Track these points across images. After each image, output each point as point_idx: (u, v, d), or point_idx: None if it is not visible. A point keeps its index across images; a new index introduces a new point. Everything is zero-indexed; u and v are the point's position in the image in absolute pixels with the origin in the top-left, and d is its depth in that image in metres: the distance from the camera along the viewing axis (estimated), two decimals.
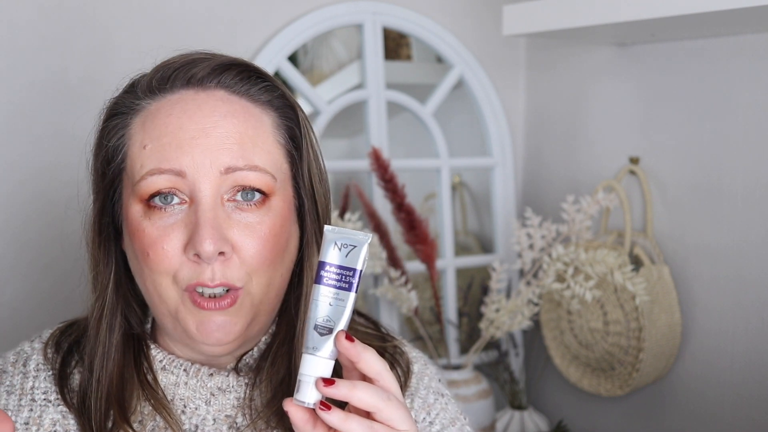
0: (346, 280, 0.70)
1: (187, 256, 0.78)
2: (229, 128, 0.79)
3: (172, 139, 0.79)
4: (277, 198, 0.81)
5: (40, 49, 1.29)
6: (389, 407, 0.68)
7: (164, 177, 0.78)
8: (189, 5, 1.40)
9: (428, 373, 0.93)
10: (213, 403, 0.85)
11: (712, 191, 1.40)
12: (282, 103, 0.85)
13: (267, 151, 0.81)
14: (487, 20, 1.69)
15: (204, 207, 0.78)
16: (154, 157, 0.79)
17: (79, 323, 0.91)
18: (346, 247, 0.71)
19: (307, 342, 0.70)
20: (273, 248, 0.80)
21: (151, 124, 0.81)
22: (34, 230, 1.31)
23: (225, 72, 0.82)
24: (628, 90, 1.54)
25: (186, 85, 0.82)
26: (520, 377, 1.71)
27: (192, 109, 0.80)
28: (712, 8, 1.13)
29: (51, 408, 0.84)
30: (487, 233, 1.83)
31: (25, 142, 1.29)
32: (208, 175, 0.78)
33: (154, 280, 0.80)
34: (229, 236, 0.78)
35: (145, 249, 0.79)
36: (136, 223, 0.80)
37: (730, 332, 1.38)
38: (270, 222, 0.80)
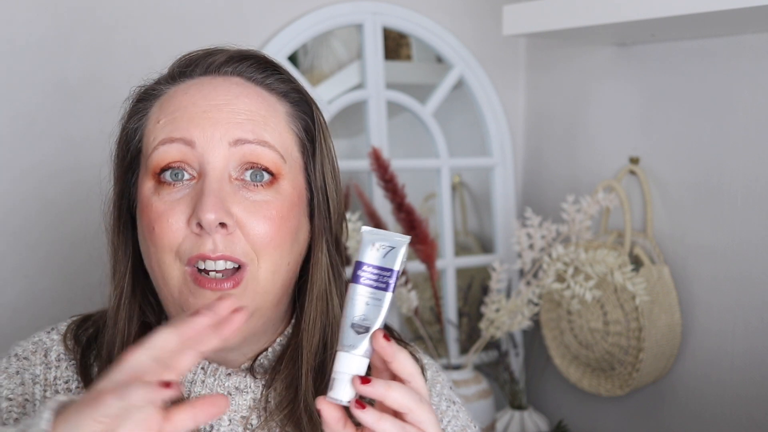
0: (383, 281, 0.71)
1: (191, 228, 0.78)
2: (241, 106, 0.81)
3: (184, 112, 0.81)
4: (286, 182, 0.82)
5: (40, 49, 1.29)
6: (421, 409, 0.69)
7: (174, 146, 0.79)
8: (189, 5, 1.40)
9: (440, 380, 0.94)
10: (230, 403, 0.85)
11: (712, 191, 1.40)
12: (298, 97, 0.86)
13: (278, 132, 0.82)
14: (487, 20, 1.69)
15: (210, 178, 0.78)
16: (166, 128, 0.81)
17: (95, 318, 0.91)
18: (384, 248, 0.72)
19: (343, 340, 0.71)
20: (279, 230, 0.80)
21: (167, 102, 0.83)
22: (35, 230, 1.31)
23: (242, 61, 0.84)
24: (628, 90, 1.54)
25: (204, 72, 0.84)
26: (520, 377, 1.71)
27: (207, 89, 0.82)
28: (712, 8, 1.13)
29: None
30: (487, 233, 1.83)
31: (25, 142, 1.30)
32: (217, 147, 0.79)
33: (159, 258, 0.80)
34: (233, 211, 0.78)
35: (151, 223, 0.80)
36: (146, 200, 0.81)
37: (730, 332, 1.38)
38: (278, 203, 0.81)
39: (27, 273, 1.31)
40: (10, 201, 1.29)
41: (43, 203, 1.31)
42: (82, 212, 1.32)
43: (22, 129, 1.29)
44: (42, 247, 1.32)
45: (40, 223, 1.31)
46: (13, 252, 1.30)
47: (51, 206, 1.32)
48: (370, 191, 1.57)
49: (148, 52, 1.36)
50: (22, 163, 1.30)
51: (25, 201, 1.30)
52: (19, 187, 1.30)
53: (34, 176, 1.30)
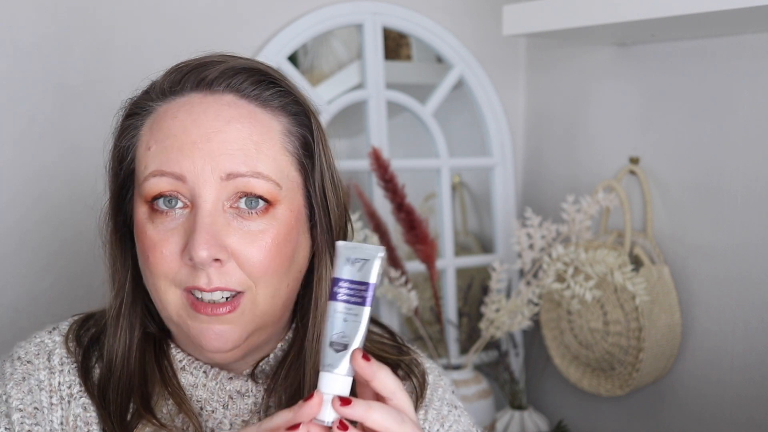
0: (359, 295, 0.69)
1: (183, 260, 0.77)
2: (233, 134, 0.78)
3: (174, 141, 0.78)
4: (283, 206, 0.80)
5: (40, 49, 1.29)
6: (402, 429, 0.68)
7: (165, 179, 0.78)
8: (189, 5, 1.40)
9: (442, 384, 0.93)
10: (231, 407, 0.85)
11: (712, 191, 1.40)
12: (296, 110, 0.83)
13: (272, 158, 0.79)
14: (487, 20, 1.69)
15: (202, 212, 0.77)
16: (157, 158, 0.79)
17: (96, 317, 0.91)
18: (358, 261, 0.70)
19: (323, 359, 0.69)
20: (276, 257, 0.79)
21: (158, 126, 0.80)
22: (35, 231, 1.31)
23: (236, 75, 0.81)
24: (628, 90, 1.54)
25: (195, 87, 0.81)
26: (520, 377, 1.71)
27: (197, 112, 0.79)
28: (712, 8, 1.13)
29: (73, 402, 0.84)
30: (487, 233, 1.83)
31: (25, 143, 1.29)
32: (208, 181, 0.77)
33: (155, 283, 0.80)
34: (227, 243, 0.77)
35: (146, 252, 0.79)
36: (141, 226, 0.80)
37: (730, 332, 1.38)
38: (274, 231, 0.79)
39: (27, 273, 1.31)
40: (10, 202, 1.29)
41: (43, 204, 1.31)
42: (82, 213, 1.32)
43: (23, 130, 1.29)
44: (42, 248, 1.32)
45: (41, 223, 1.31)
46: (14, 253, 1.30)
47: (51, 207, 1.32)
48: (370, 191, 1.57)
49: (148, 53, 1.36)
50: (23, 164, 1.29)
51: (25, 201, 1.30)
52: (20, 187, 1.30)
53: (34, 177, 1.30)
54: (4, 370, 0.86)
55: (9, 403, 0.83)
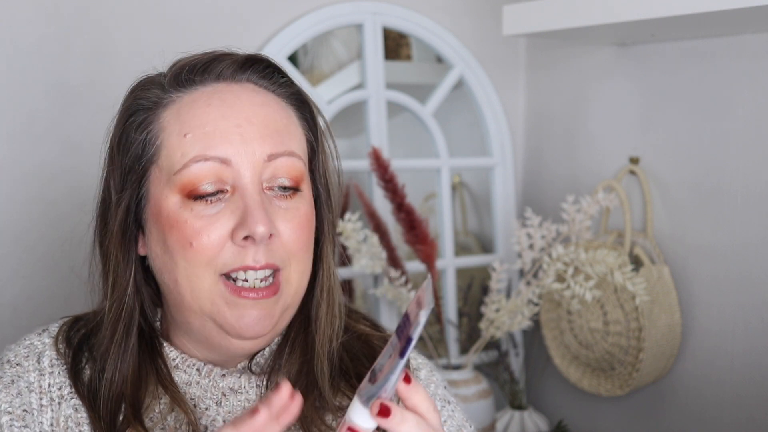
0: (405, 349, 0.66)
1: (235, 241, 0.79)
2: (268, 117, 0.82)
3: (215, 127, 0.80)
4: (305, 185, 0.84)
5: (40, 49, 1.29)
6: None
7: (209, 164, 0.79)
8: (189, 5, 1.40)
9: (434, 380, 0.94)
10: (224, 404, 0.86)
11: (712, 191, 1.40)
12: (299, 99, 0.87)
13: (298, 139, 0.84)
14: (487, 20, 1.69)
15: (251, 191, 0.80)
16: (197, 144, 0.79)
17: (86, 319, 0.91)
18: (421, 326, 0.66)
19: (368, 393, 0.68)
20: (308, 233, 0.83)
21: (189, 114, 0.81)
22: (34, 231, 1.31)
23: (252, 67, 0.84)
24: (628, 90, 1.54)
25: (217, 78, 0.83)
26: (520, 377, 1.71)
27: (230, 99, 0.82)
28: (712, 8, 1.13)
29: (64, 404, 0.85)
30: (487, 233, 1.83)
31: (25, 143, 1.30)
32: (252, 162, 0.80)
33: (191, 272, 0.79)
34: (273, 220, 0.80)
35: (187, 239, 0.79)
36: (175, 215, 0.79)
37: (730, 332, 1.38)
38: (304, 208, 0.83)
39: (26, 273, 1.31)
40: (9, 201, 1.29)
41: (42, 204, 1.31)
42: (81, 213, 1.32)
43: (22, 130, 1.29)
44: (41, 247, 1.32)
45: (40, 223, 1.31)
46: (13, 252, 1.30)
47: (51, 207, 1.32)
48: (370, 191, 1.57)
49: (148, 53, 1.35)
50: (22, 164, 1.30)
51: (24, 202, 1.30)
52: (19, 187, 1.30)
53: (34, 177, 1.30)
54: None
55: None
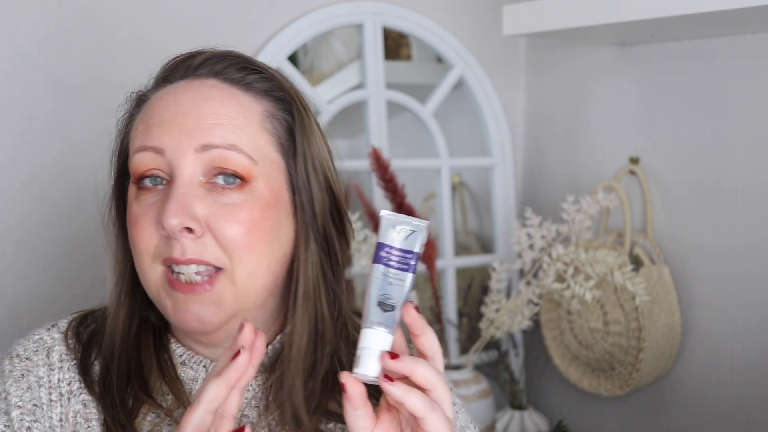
0: (405, 262, 0.73)
1: (159, 232, 0.80)
2: (209, 110, 0.81)
3: (157, 119, 0.82)
4: (260, 183, 0.81)
5: (40, 49, 1.29)
6: (444, 388, 0.72)
7: (147, 154, 0.81)
8: (189, 5, 1.40)
9: None
10: None
11: (712, 191, 1.40)
12: (280, 95, 0.85)
13: (248, 134, 0.82)
14: (487, 20, 1.69)
15: (177, 184, 0.79)
16: (141, 136, 0.82)
17: (95, 314, 0.92)
18: (406, 231, 0.74)
19: (370, 317, 0.73)
20: (250, 232, 0.80)
21: (147, 110, 0.84)
22: (35, 230, 1.31)
23: (219, 62, 0.84)
24: (628, 90, 1.54)
25: (183, 75, 0.85)
26: (520, 377, 1.71)
27: (179, 93, 0.83)
28: (712, 8, 1.13)
29: (73, 399, 0.85)
30: (487, 233, 1.83)
31: (25, 143, 1.30)
32: (184, 153, 0.80)
33: (139, 261, 0.82)
34: (201, 215, 0.78)
35: (130, 228, 0.82)
36: (129, 205, 0.83)
37: (730, 332, 1.38)
38: (249, 206, 0.80)
39: (27, 274, 1.31)
40: (10, 201, 1.29)
41: (43, 203, 1.31)
42: (82, 213, 1.32)
43: (23, 130, 1.29)
44: (42, 248, 1.32)
45: (41, 223, 1.31)
46: (14, 252, 1.30)
47: (51, 206, 1.32)
48: (370, 191, 1.57)
49: (149, 53, 1.36)
50: (23, 163, 1.29)
51: (25, 201, 1.30)
52: (20, 187, 1.30)
53: (34, 177, 1.30)
54: (3, 368, 0.87)
55: (8, 400, 0.84)
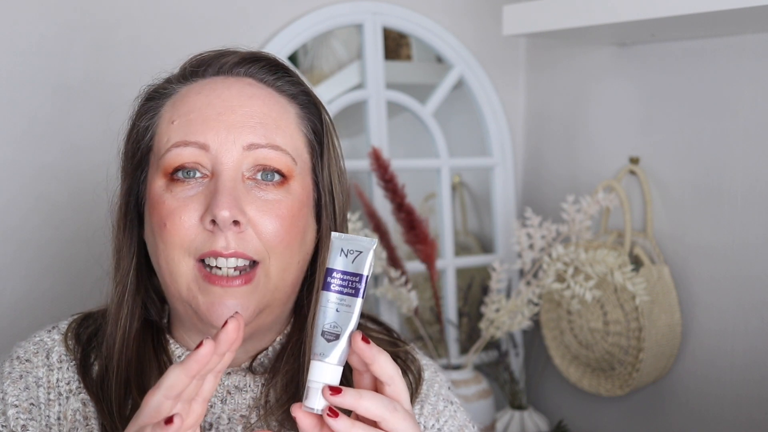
0: (352, 286, 0.70)
1: (204, 225, 0.79)
2: (255, 108, 0.82)
3: (199, 114, 0.82)
4: (296, 183, 0.83)
5: (40, 49, 1.29)
6: (395, 418, 0.69)
7: (189, 149, 0.81)
8: (189, 5, 1.40)
9: (438, 380, 0.94)
10: (229, 401, 0.86)
11: (712, 191, 1.40)
12: (306, 100, 0.87)
13: (289, 135, 0.84)
14: (487, 20, 1.69)
15: (224, 177, 0.80)
16: (180, 130, 0.82)
17: (95, 316, 0.92)
18: (352, 252, 0.71)
19: (315, 348, 0.70)
20: (290, 229, 0.82)
21: (180, 102, 0.84)
22: (34, 230, 1.31)
23: (254, 62, 0.86)
24: (628, 90, 1.54)
25: (217, 72, 0.85)
26: (520, 377, 1.71)
27: (220, 89, 0.83)
28: (712, 8, 1.13)
29: (72, 398, 0.86)
30: (487, 233, 1.83)
31: (25, 143, 1.30)
32: (230, 150, 0.80)
33: (168, 254, 0.81)
34: (246, 210, 0.80)
35: (162, 220, 0.80)
36: (157, 197, 0.82)
37: (730, 332, 1.38)
38: (288, 203, 0.82)
39: (27, 274, 1.31)
40: (10, 201, 1.29)
41: (43, 204, 1.31)
42: (83, 213, 1.32)
43: (23, 130, 1.29)
44: (42, 248, 1.32)
45: (41, 224, 1.31)
46: (14, 252, 1.30)
47: (52, 207, 1.32)
48: (370, 191, 1.57)
49: (149, 53, 1.36)
50: (23, 163, 1.29)
51: (25, 202, 1.30)
52: (20, 187, 1.30)
53: (34, 178, 1.30)
54: (2, 369, 0.87)
55: (5, 400, 0.85)
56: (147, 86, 0.88)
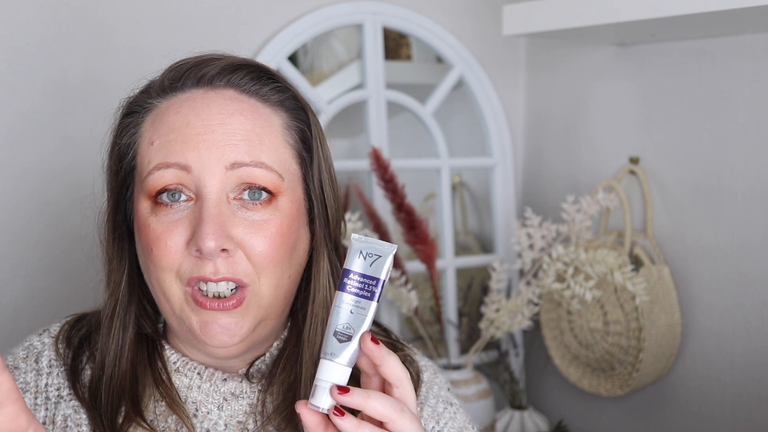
0: (368, 289, 0.71)
1: (189, 251, 0.78)
2: (236, 125, 0.80)
3: (179, 135, 0.79)
4: (285, 198, 0.81)
5: (40, 49, 1.29)
6: (402, 419, 0.68)
7: (170, 171, 0.79)
8: (189, 5, 1.40)
9: (438, 382, 0.94)
10: (225, 408, 0.86)
11: (712, 191, 1.40)
12: (294, 105, 0.85)
13: (274, 150, 0.81)
14: (487, 20, 1.69)
15: (208, 203, 0.78)
16: (161, 152, 0.79)
17: (89, 318, 0.91)
18: (371, 256, 0.71)
19: (325, 347, 0.70)
20: (280, 247, 0.80)
21: (160, 121, 0.81)
22: (34, 230, 1.31)
23: (235, 72, 0.82)
24: (628, 90, 1.54)
25: (196, 84, 0.82)
26: (520, 377, 1.71)
27: (200, 106, 0.80)
28: (712, 8, 1.13)
29: (63, 404, 0.85)
30: (487, 233, 1.83)
31: (25, 143, 1.30)
32: (213, 171, 0.78)
33: (158, 276, 0.80)
34: (233, 233, 0.78)
35: (149, 245, 0.79)
36: (143, 219, 0.80)
37: (730, 332, 1.38)
38: (277, 221, 0.80)
39: (26, 272, 1.31)
40: (9, 201, 1.29)
41: (42, 203, 1.31)
42: (81, 212, 1.32)
43: (22, 129, 1.29)
44: (41, 247, 1.32)
45: (40, 222, 1.31)
46: (13, 251, 1.30)
47: (50, 206, 1.32)
48: (370, 191, 1.57)
49: (148, 53, 1.36)
50: (22, 163, 1.30)
51: (24, 201, 1.30)
52: (19, 186, 1.30)
53: (33, 176, 1.30)
54: None
55: None
56: (126, 99, 0.86)
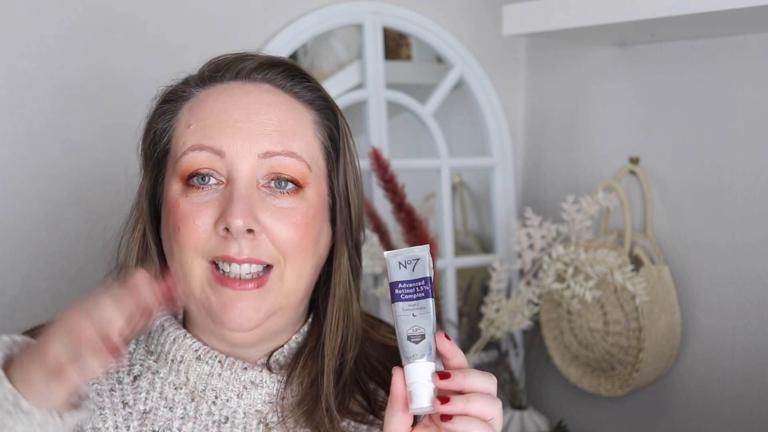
0: (421, 290, 0.75)
1: (217, 231, 0.81)
2: (271, 116, 0.84)
3: (216, 120, 0.83)
4: (311, 190, 0.85)
5: (40, 49, 1.29)
6: (495, 391, 0.74)
7: (204, 154, 0.82)
8: (189, 6, 1.40)
9: None
10: (245, 396, 0.87)
11: (712, 191, 1.40)
12: (323, 105, 0.89)
13: (305, 142, 0.85)
14: (487, 20, 1.69)
15: (239, 185, 0.81)
16: (197, 134, 0.83)
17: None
18: (411, 262, 0.76)
19: (405, 354, 0.74)
20: (304, 236, 0.83)
21: (198, 107, 0.85)
22: (35, 231, 1.31)
23: (272, 68, 0.87)
24: (628, 90, 1.54)
25: (235, 77, 0.86)
26: (520, 377, 1.71)
27: (237, 95, 0.84)
28: (712, 8, 1.13)
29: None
30: (487, 233, 1.83)
31: (25, 143, 1.30)
32: (246, 158, 0.82)
33: (182, 256, 0.83)
34: (260, 218, 0.81)
35: (177, 224, 0.82)
36: (173, 200, 0.83)
37: (730, 332, 1.38)
38: (303, 210, 0.83)
39: (27, 273, 1.31)
40: (10, 201, 1.29)
41: (43, 203, 1.31)
42: (82, 213, 1.32)
43: (23, 130, 1.29)
44: (41, 248, 1.32)
45: (40, 223, 1.31)
46: (13, 252, 1.30)
47: (51, 206, 1.32)
48: (370, 191, 1.57)
49: (148, 53, 1.36)
50: (23, 163, 1.29)
51: (25, 201, 1.30)
52: (19, 187, 1.30)
53: (34, 177, 1.30)
54: None
55: None
56: (165, 87, 0.89)
